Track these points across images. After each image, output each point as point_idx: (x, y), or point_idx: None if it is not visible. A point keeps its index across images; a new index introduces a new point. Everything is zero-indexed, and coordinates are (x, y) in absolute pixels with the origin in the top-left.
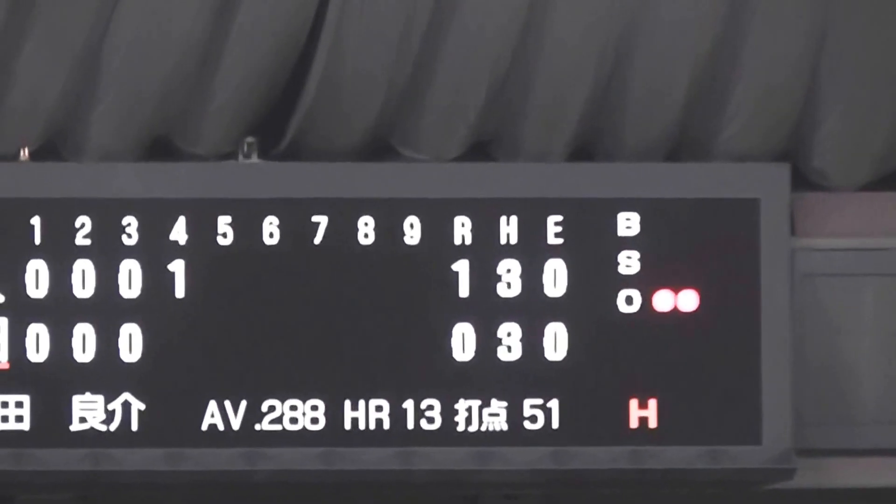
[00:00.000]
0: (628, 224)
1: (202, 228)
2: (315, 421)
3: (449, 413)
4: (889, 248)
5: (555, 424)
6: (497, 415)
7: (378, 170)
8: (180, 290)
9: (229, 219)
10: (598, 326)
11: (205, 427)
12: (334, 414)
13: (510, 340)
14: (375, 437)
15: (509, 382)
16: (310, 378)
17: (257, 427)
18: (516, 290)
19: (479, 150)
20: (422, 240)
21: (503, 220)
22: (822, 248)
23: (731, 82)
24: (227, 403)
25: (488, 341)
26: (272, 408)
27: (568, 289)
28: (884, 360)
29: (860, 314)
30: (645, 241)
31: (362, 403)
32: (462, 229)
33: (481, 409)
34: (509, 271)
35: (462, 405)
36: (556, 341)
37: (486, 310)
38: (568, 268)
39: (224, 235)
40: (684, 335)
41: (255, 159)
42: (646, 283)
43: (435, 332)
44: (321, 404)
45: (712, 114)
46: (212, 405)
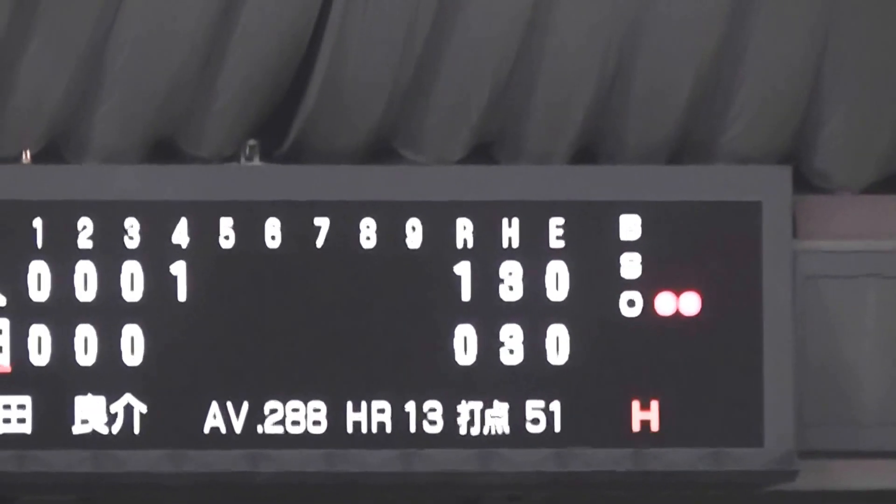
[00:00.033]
0: (630, 227)
1: (204, 231)
2: (317, 423)
3: (451, 415)
4: (891, 250)
5: (557, 426)
6: (499, 417)
7: (380, 172)
8: (182, 293)
9: (231, 221)
10: (599, 329)
11: (207, 429)
12: (336, 416)
13: (512, 343)
14: (378, 439)
15: (511, 384)
16: (312, 380)
17: (259, 429)
18: (518, 292)
19: (482, 152)
20: (424, 242)
21: (505, 222)
22: (825, 250)
23: (733, 85)
24: (230, 405)
25: (490, 343)
26: (274, 410)
27: (570, 291)
28: (886, 362)
29: (862, 316)
30: (647, 243)
31: (364, 405)
32: (464, 232)
33: (483, 411)
34: (511, 274)
35: (464, 407)
36: (558, 344)
37: (488, 312)
38: (570, 270)
39: (226, 238)
40: (686, 337)
41: (257, 162)
42: (648, 285)
43: (437, 335)
44: (323, 406)
45: (715, 116)
46: (214, 407)
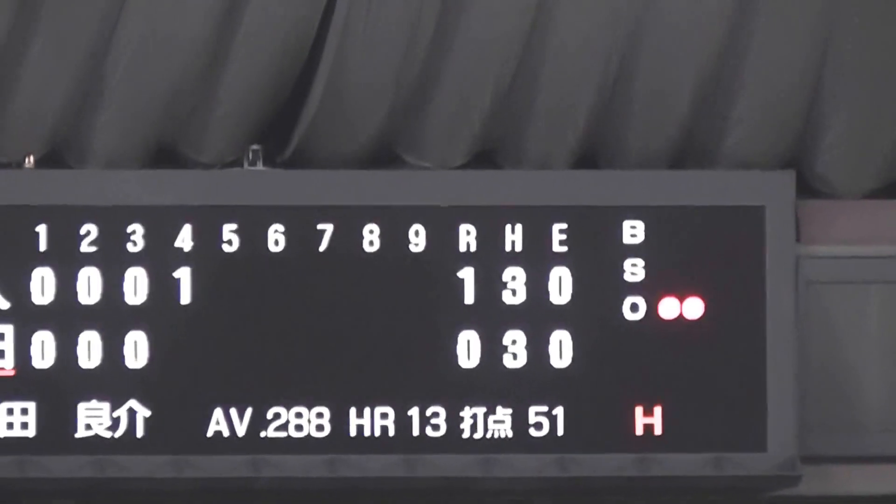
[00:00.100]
0: (633, 231)
1: (207, 236)
2: (320, 428)
3: (454, 420)
4: (894, 255)
5: (560, 431)
6: (502, 422)
7: (383, 177)
8: (186, 298)
9: (235, 226)
10: (603, 334)
11: (210, 434)
12: (339, 421)
13: (515, 348)
14: (380, 444)
15: (514, 389)
16: (315, 385)
17: (262, 434)
18: (521, 297)
19: (484, 157)
20: (427, 247)
21: (508, 227)
22: (827, 255)
23: (735, 89)
24: (233, 410)
25: (493, 348)
26: (277, 415)
27: (573, 296)
28: (889, 367)
29: (865, 321)
30: (650, 248)
31: (367, 410)
32: (467, 237)
33: (486, 416)
34: (514, 279)
35: (467, 412)
36: (561, 349)
37: (492, 317)
38: (573, 275)
39: (229, 243)
40: (689, 342)
41: (260, 167)
42: (651, 290)
43: (440, 340)
44: (326, 411)
45: (717, 121)
46: (217, 412)
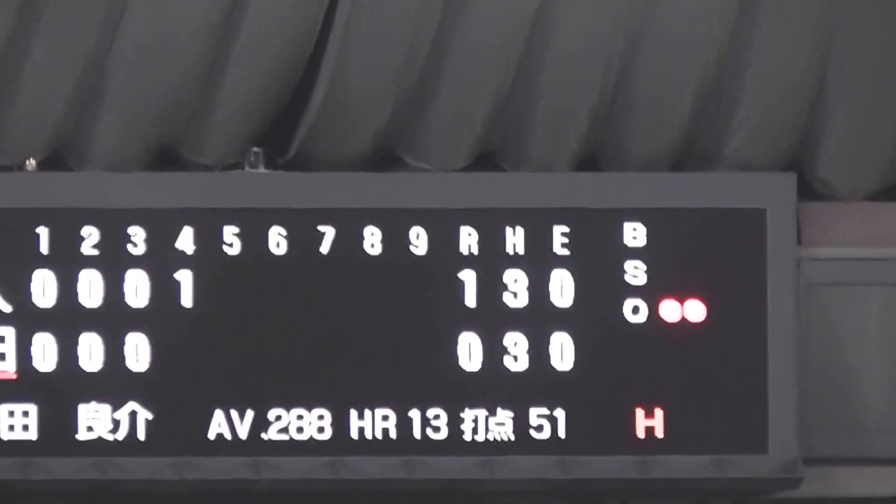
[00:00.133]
0: (634, 234)
1: (209, 238)
2: (321, 430)
3: (455, 422)
4: (894, 257)
5: (561, 434)
6: (503, 424)
7: (384, 180)
8: (187, 300)
9: (236, 229)
10: (604, 336)
11: (211, 436)
12: (340, 423)
13: (516, 350)
14: (381, 446)
15: (516, 392)
16: (316, 387)
17: (263, 436)
18: (523, 300)
19: (486, 160)
20: (428, 250)
21: (509, 230)
22: (828, 257)
23: (736, 92)
24: (234, 412)
25: (494, 351)
26: (278, 417)
27: (574, 299)
28: (890, 369)
29: (866, 323)
30: (651, 251)
31: (368, 413)
32: (468, 239)
33: (487, 418)
34: (516, 281)
35: (468, 414)
36: (562, 351)
37: (493, 319)
38: (574, 278)
39: (231, 245)
40: (690, 345)
41: (261, 169)
42: (652, 292)
43: (441, 342)
44: (327, 413)
45: (718, 124)
46: (218, 414)
